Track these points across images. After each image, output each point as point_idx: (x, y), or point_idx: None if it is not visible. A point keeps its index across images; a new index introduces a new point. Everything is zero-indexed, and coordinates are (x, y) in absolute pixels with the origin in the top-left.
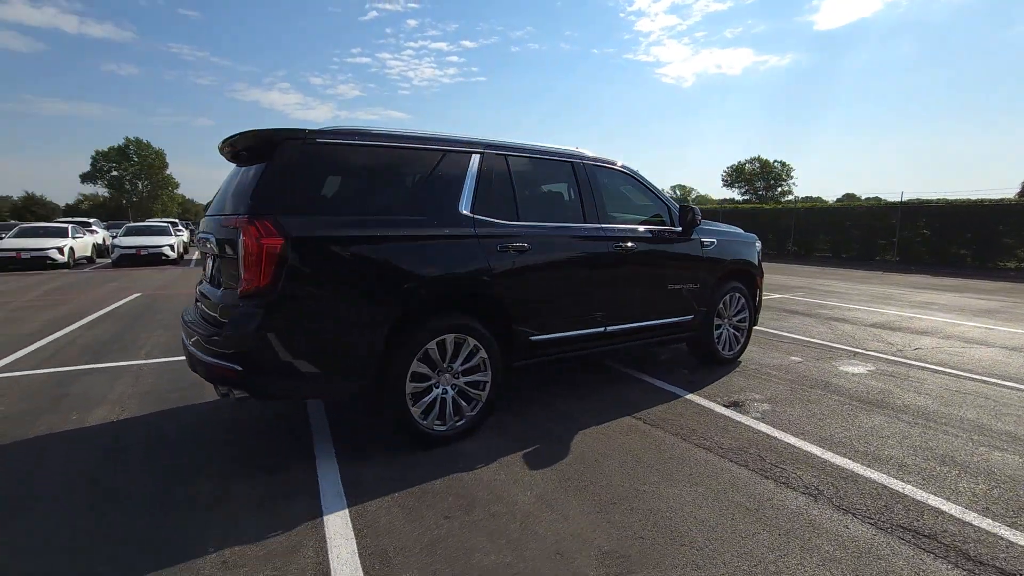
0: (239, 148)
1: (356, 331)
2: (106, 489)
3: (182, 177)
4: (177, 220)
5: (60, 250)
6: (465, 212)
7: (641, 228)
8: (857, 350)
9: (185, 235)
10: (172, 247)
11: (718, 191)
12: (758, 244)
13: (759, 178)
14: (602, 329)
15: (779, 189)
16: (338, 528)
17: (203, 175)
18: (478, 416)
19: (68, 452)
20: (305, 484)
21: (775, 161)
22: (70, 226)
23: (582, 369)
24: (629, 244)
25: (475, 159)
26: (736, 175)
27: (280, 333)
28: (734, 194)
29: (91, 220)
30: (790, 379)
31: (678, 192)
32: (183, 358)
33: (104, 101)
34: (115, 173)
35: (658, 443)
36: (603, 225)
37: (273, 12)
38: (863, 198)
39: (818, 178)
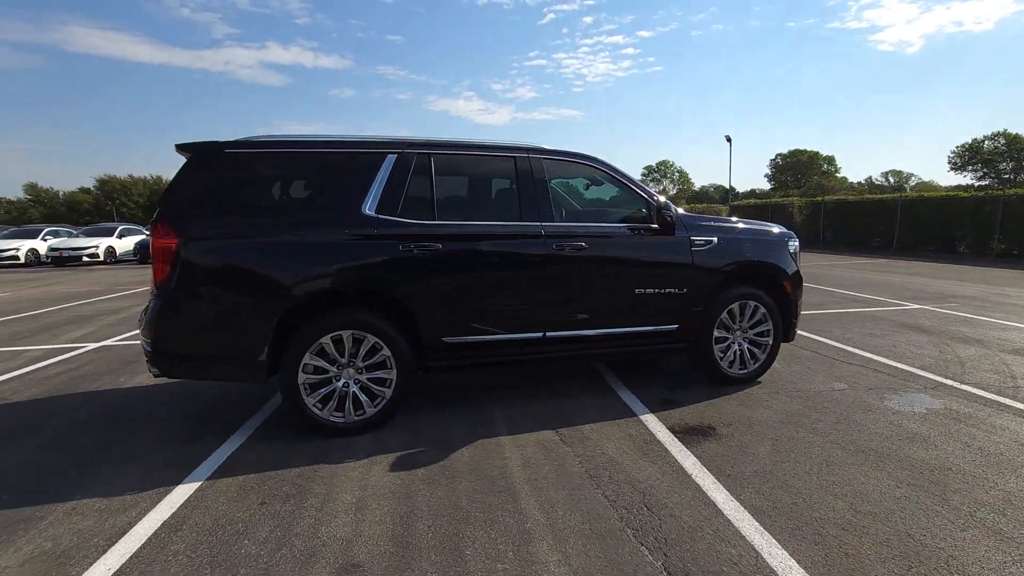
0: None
1: (243, 324)
2: (73, 435)
3: None
4: None
5: None
6: (368, 213)
7: (600, 226)
8: (946, 381)
9: None
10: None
11: (944, 176)
12: (792, 244)
13: (1004, 158)
14: (540, 335)
15: None
16: (175, 499)
17: None
18: (380, 412)
19: (86, 406)
20: (197, 456)
21: None
22: None
23: (554, 373)
24: (579, 244)
25: (389, 159)
26: (970, 155)
27: (174, 321)
28: (966, 179)
29: None
30: (796, 410)
31: (891, 179)
32: None
33: (329, 120)
34: None
35: (546, 462)
36: (544, 223)
37: (462, 27)
38: None
39: None
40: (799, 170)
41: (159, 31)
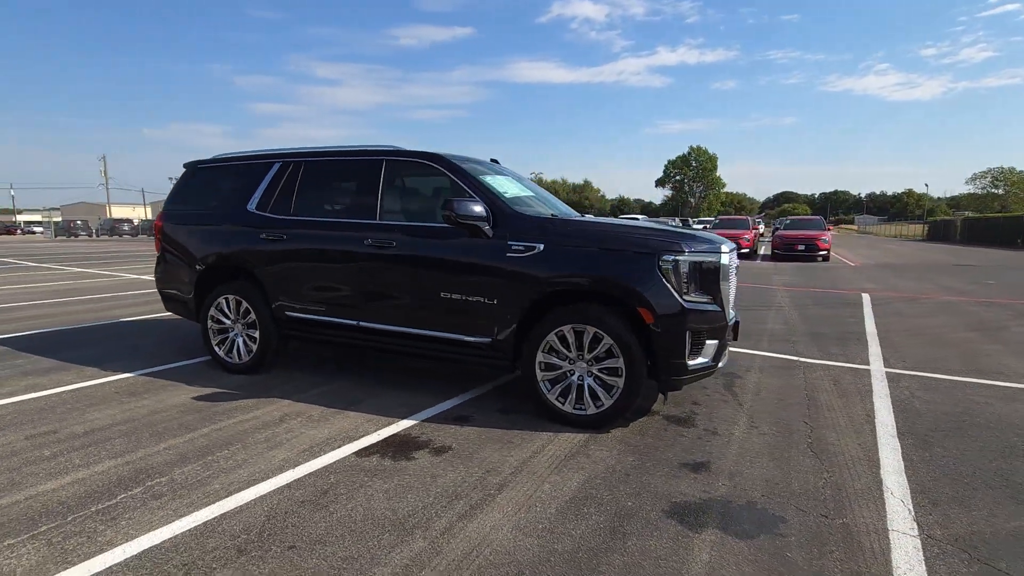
0: None
1: (184, 282)
2: (91, 346)
3: (754, 173)
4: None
5: None
6: (250, 209)
7: (412, 225)
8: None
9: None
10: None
11: None
12: (668, 259)
13: None
14: (355, 323)
15: None
16: (88, 382)
17: (761, 171)
18: (252, 359)
19: (156, 328)
20: (149, 364)
21: None
22: None
23: (450, 370)
24: (388, 241)
25: (274, 167)
26: None
27: (160, 276)
28: None
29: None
30: (537, 469)
31: None
32: None
33: (708, 116)
34: (678, 177)
35: (242, 424)
36: (365, 220)
37: None
38: None
39: None
40: None
41: (572, 56)
